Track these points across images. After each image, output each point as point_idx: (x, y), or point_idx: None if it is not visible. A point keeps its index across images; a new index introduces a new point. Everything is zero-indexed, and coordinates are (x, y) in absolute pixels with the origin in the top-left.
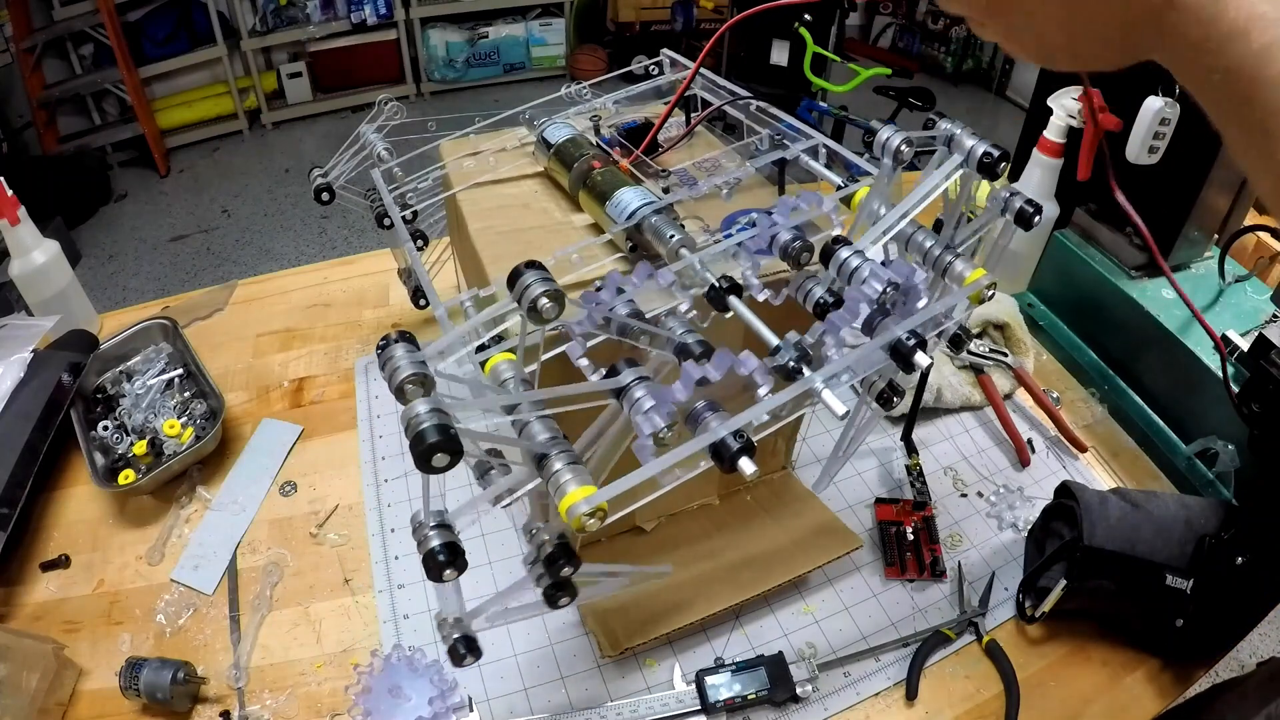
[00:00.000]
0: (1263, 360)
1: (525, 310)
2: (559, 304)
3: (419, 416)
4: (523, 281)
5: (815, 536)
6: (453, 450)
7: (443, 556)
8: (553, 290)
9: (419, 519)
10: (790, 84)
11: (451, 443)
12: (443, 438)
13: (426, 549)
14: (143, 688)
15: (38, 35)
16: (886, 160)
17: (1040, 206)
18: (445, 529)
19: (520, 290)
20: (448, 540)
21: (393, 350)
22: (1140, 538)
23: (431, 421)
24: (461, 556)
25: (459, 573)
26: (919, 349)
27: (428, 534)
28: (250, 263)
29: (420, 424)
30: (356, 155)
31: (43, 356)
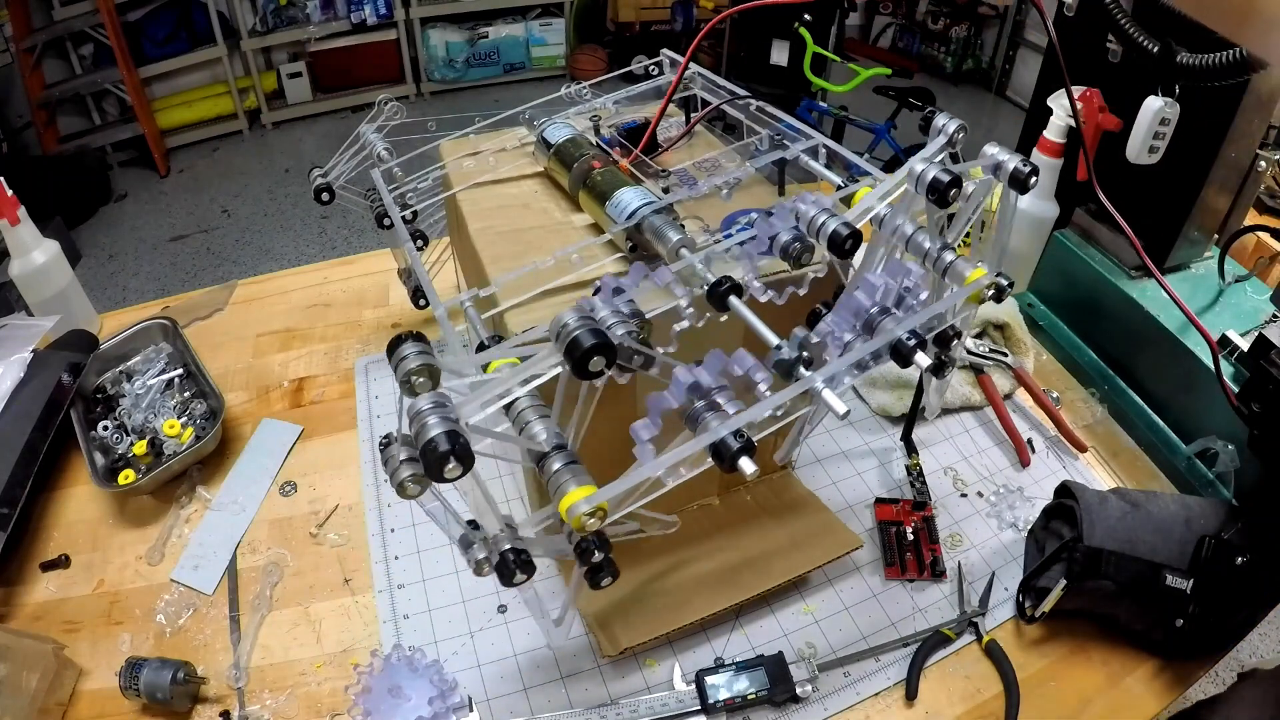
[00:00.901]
0: (1263, 360)
1: (400, 382)
2: (434, 380)
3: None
4: (399, 353)
5: (815, 536)
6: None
7: (445, 446)
8: (429, 365)
9: (418, 407)
10: (790, 84)
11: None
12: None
13: (425, 439)
14: (143, 688)
15: (38, 35)
16: (940, 139)
17: (1036, 167)
18: (448, 419)
19: (397, 360)
20: (451, 429)
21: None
22: (1140, 538)
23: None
24: (469, 452)
25: (465, 469)
26: (919, 349)
27: (428, 421)
28: (250, 263)
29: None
30: (356, 155)
31: (43, 356)
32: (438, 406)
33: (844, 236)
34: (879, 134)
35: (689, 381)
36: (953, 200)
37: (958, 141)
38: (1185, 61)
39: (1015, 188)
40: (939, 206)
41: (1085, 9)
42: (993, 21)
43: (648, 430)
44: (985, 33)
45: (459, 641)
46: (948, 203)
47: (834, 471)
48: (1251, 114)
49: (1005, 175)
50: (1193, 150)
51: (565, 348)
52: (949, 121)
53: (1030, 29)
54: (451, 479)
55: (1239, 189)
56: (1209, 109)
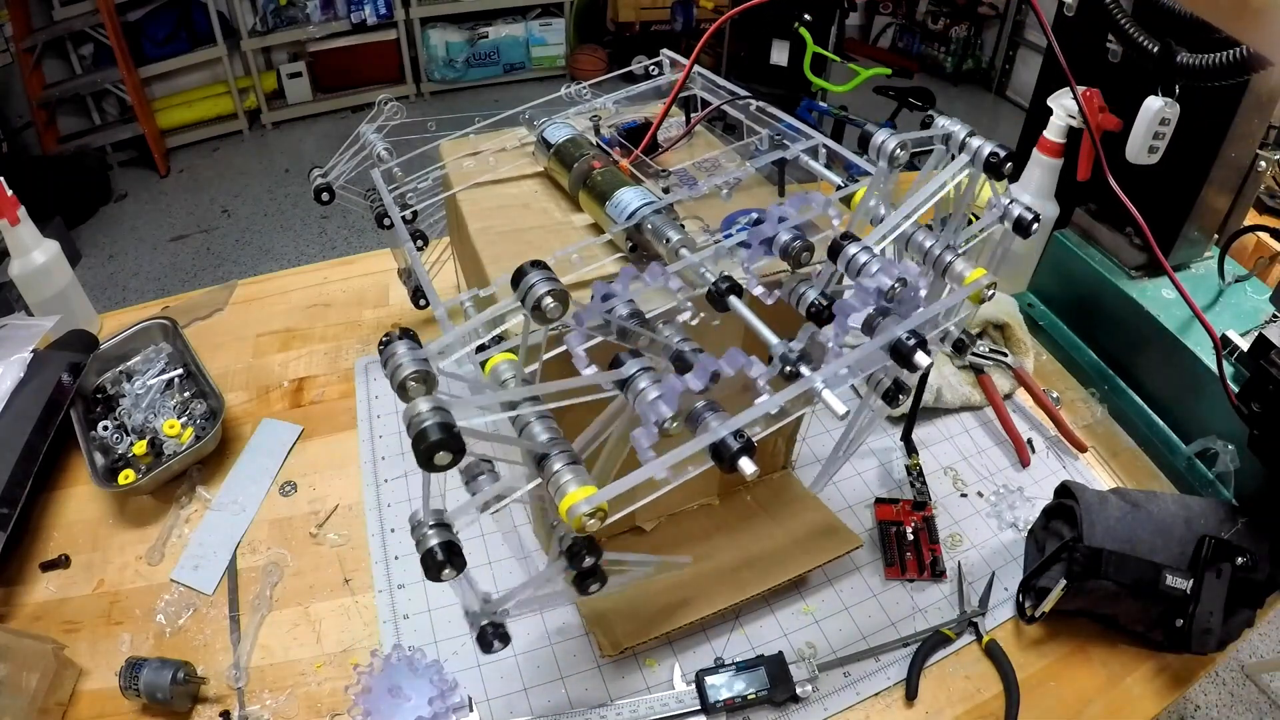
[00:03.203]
0: (1263, 360)
1: (529, 310)
2: (563, 304)
3: (421, 415)
4: (527, 281)
5: (815, 536)
6: (455, 449)
7: (440, 556)
8: (557, 290)
9: (418, 518)
10: (790, 84)
11: (454, 441)
12: (445, 436)
13: (425, 548)
14: (143, 688)
15: (38, 35)
16: (882, 163)
17: (1038, 214)
18: (444, 528)
19: (525, 290)
20: (445, 539)
21: (395, 348)
22: (1140, 538)
23: (434, 420)
24: (459, 555)
25: (457, 572)
26: (919, 349)
27: (426, 533)
28: (250, 263)
29: (423, 422)
30: (356, 155)
31: (43, 356)
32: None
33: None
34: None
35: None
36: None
37: (900, 161)
38: (1185, 61)
39: (990, 174)
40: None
41: (1085, 9)
42: (993, 21)
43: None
44: (985, 33)
45: (459, 641)
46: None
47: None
48: (1251, 114)
49: (980, 162)
50: (1193, 150)
51: (412, 440)
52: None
53: (1030, 29)
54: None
55: (1239, 189)
56: (1209, 109)
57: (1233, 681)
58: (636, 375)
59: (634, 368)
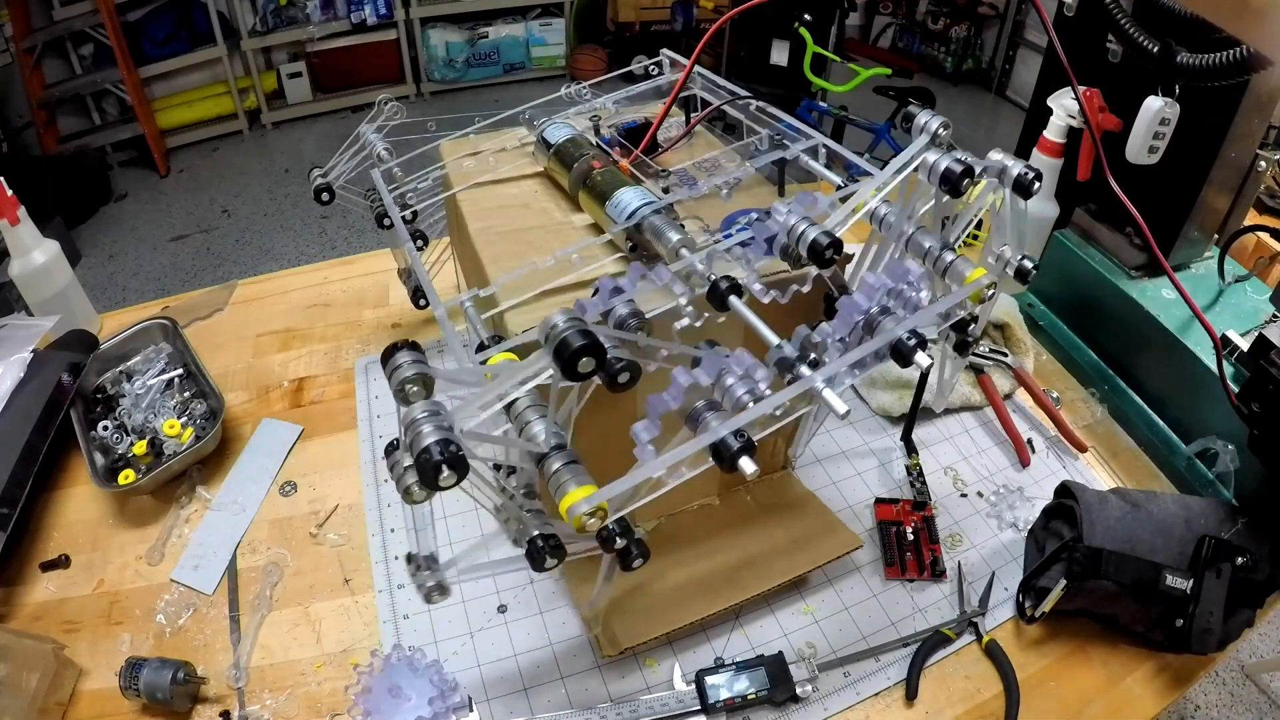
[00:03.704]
0: (1263, 360)
1: (394, 390)
2: (428, 388)
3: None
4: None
5: (815, 536)
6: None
7: (437, 455)
8: (424, 374)
9: (412, 415)
10: (790, 84)
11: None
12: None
13: (419, 448)
14: (143, 688)
15: (38, 35)
16: (923, 137)
17: (1040, 173)
18: (442, 428)
19: (391, 369)
20: (444, 438)
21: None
22: (1140, 538)
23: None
24: (463, 461)
25: (459, 477)
26: (919, 349)
27: (422, 430)
28: (250, 263)
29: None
30: (356, 155)
31: (43, 356)
32: (431, 415)
33: (824, 245)
34: (879, 134)
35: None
36: (964, 191)
37: (942, 140)
38: (1185, 61)
39: (1019, 193)
40: (952, 196)
41: (1085, 9)
42: (993, 21)
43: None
44: (985, 33)
45: (459, 641)
46: (960, 193)
47: (834, 471)
48: (1251, 114)
49: (1009, 181)
50: (1193, 150)
51: (554, 349)
52: (931, 119)
53: (1030, 29)
54: (446, 487)
55: (1239, 189)
56: (1209, 109)
57: (1233, 681)
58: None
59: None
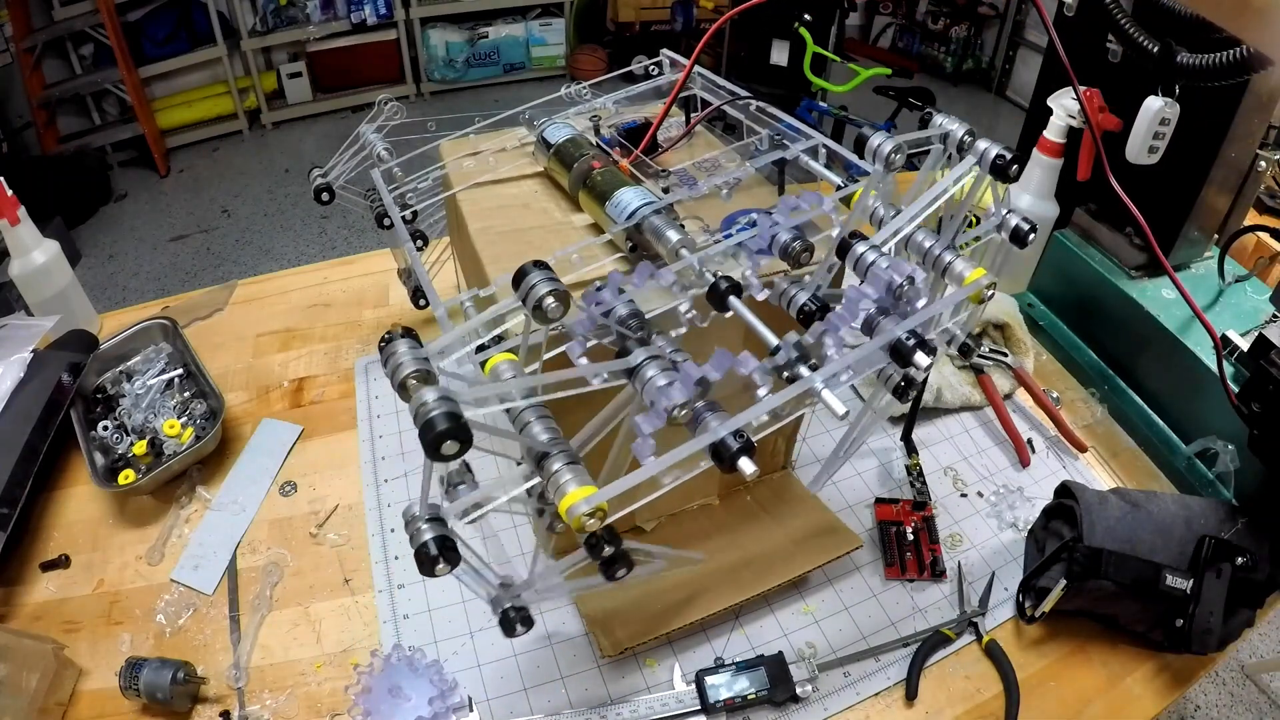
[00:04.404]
0: (1263, 360)
1: (530, 309)
2: (564, 304)
3: (428, 405)
4: (528, 281)
5: (815, 536)
6: (463, 438)
7: (434, 551)
8: (558, 290)
9: (412, 512)
10: (790, 84)
11: (462, 430)
12: (453, 425)
13: (418, 543)
14: (143, 688)
15: (38, 35)
16: (878, 166)
17: (1034, 225)
18: (438, 523)
19: (526, 290)
20: (440, 534)
21: (395, 346)
22: (1140, 538)
23: (441, 409)
24: (454, 551)
25: (451, 567)
26: (919, 349)
27: (420, 528)
28: (250, 263)
29: (430, 412)
30: (356, 155)
31: (43, 356)
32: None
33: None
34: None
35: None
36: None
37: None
38: (1185, 61)
39: (996, 176)
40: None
41: (1085, 9)
42: (993, 21)
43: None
44: (985, 33)
45: (459, 641)
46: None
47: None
48: (1251, 114)
49: (986, 164)
50: (1193, 150)
51: (419, 429)
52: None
53: (1030, 29)
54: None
55: (1239, 189)
56: (1209, 109)
57: (1233, 681)
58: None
59: (641, 356)
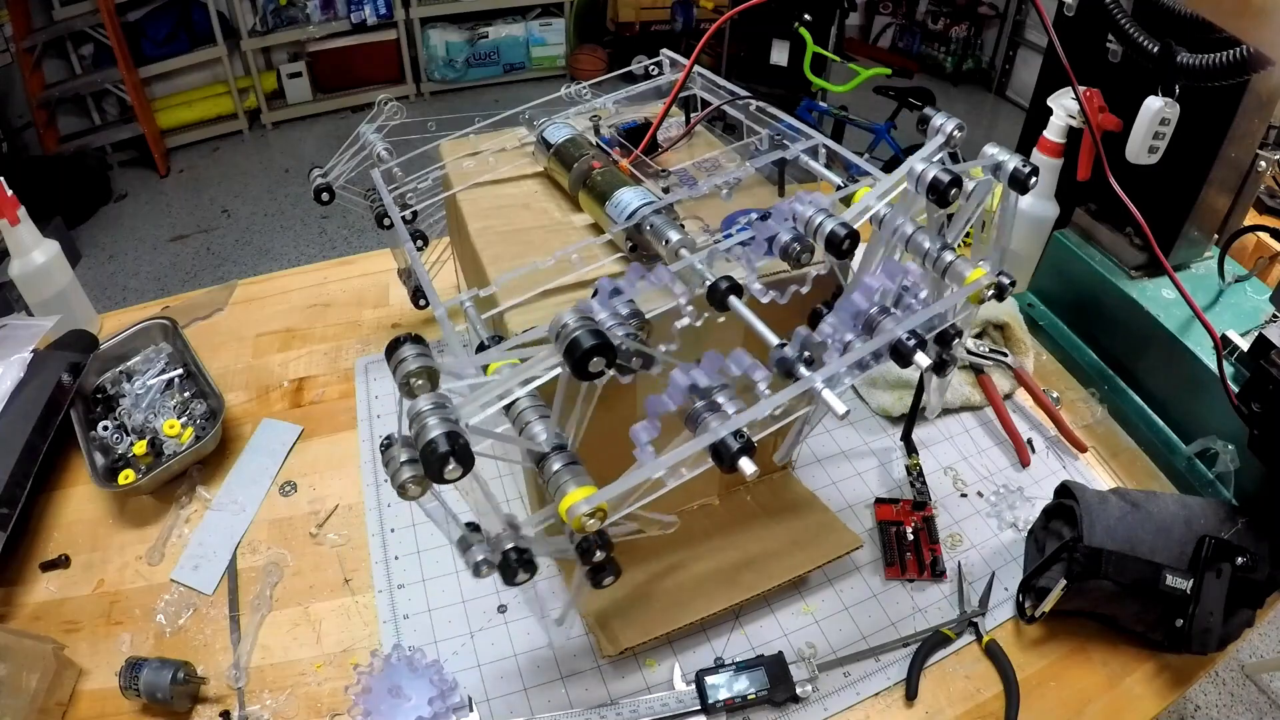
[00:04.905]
0: (1263, 360)
1: (399, 384)
2: (432, 382)
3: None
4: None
5: (815, 536)
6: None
7: (443, 447)
8: (428, 367)
9: (418, 408)
10: (790, 84)
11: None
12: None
13: (424, 440)
14: (143, 688)
15: (38, 35)
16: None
17: (1036, 168)
18: (448, 420)
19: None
20: (449, 430)
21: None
22: (1140, 538)
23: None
24: (468, 453)
25: (464, 470)
26: (919, 349)
27: (427, 422)
28: (250, 263)
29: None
30: (356, 155)
31: (43, 356)
32: (438, 407)
33: (842, 236)
34: (879, 134)
35: (688, 382)
36: (953, 200)
37: (956, 141)
38: (1185, 61)
39: (1015, 188)
40: (939, 206)
41: (1085, 9)
42: (993, 21)
43: (648, 431)
44: (985, 33)
45: (459, 641)
46: (948, 202)
47: (834, 471)
48: (1251, 114)
49: (1005, 175)
50: (1193, 150)
51: (565, 348)
52: (947, 121)
53: (1030, 29)
54: (452, 479)
55: (1239, 189)
56: (1209, 109)
57: (1233, 681)
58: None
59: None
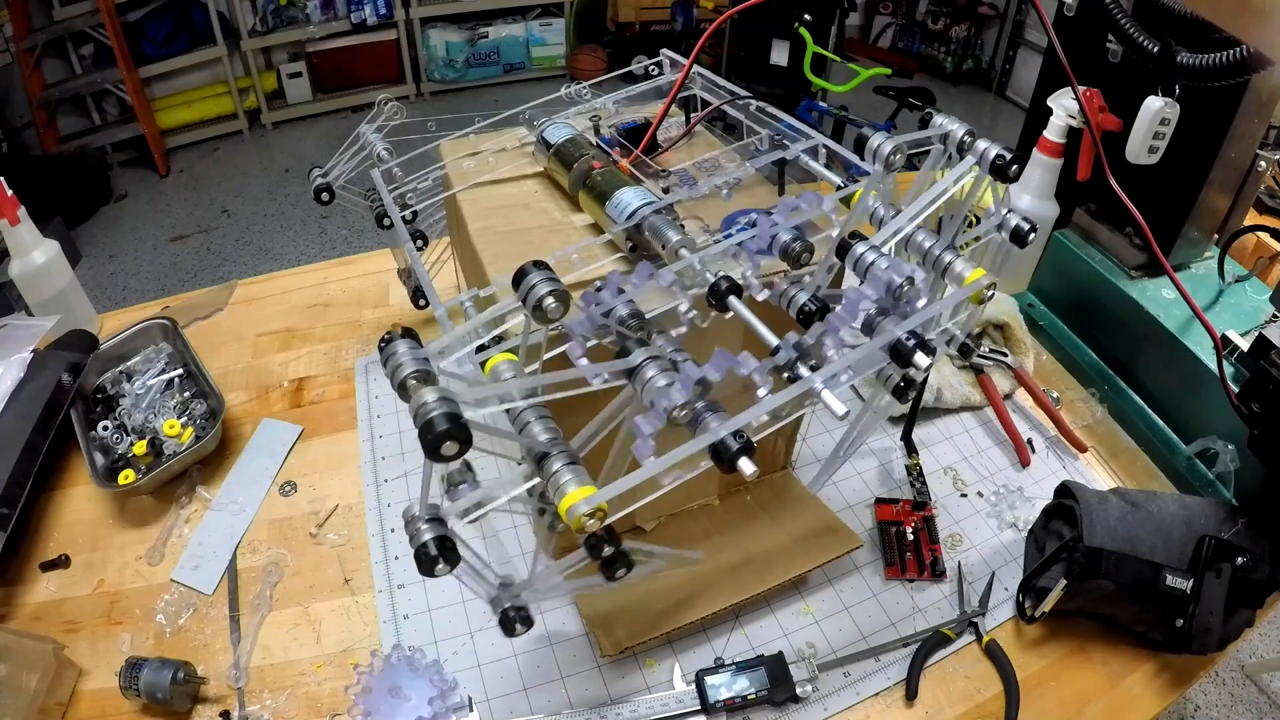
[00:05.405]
0: (1263, 360)
1: (530, 309)
2: (564, 303)
3: (428, 405)
4: (528, 281)
5: (815, 536)
6: (462, 439)
7: (434, 551)
8: (558, 290)
9: (412, 512)
10: (790, 84)
11: (461, 431)
12: (452, 426)
13: (418, 544)
14: (143, 688)
15: (38, 35)
16: (877, 166)
17: (1034, 225)
18: (438, 523)
19: (526, 289)
20: (439, 534)
21: (395, 347)
22: (1140, 538)
23: (441, 410)
24: (453, 551)
25: (451, 567)
26: (919, 349)
27: (420, 528)
28: (250, 263)
29: (429, 412)
30: (356, 155)
31: (43, 356)
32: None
33: (811, 313)
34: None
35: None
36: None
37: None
38: (1185, 61)
39: (997, 176)
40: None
41: (1085, 9)
42: (993, 21)
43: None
44: (985, 33)
45: (459, 641)
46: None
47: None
48: (1251, 114)
49: (986, 164)
50: (1193, 150)
51: (419, 430)
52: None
53: (1030, 29)
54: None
55: (1239, 189)
56: (1209, 109)
57: (1233, 681)
58: (645, 364)
59: (641, 356)
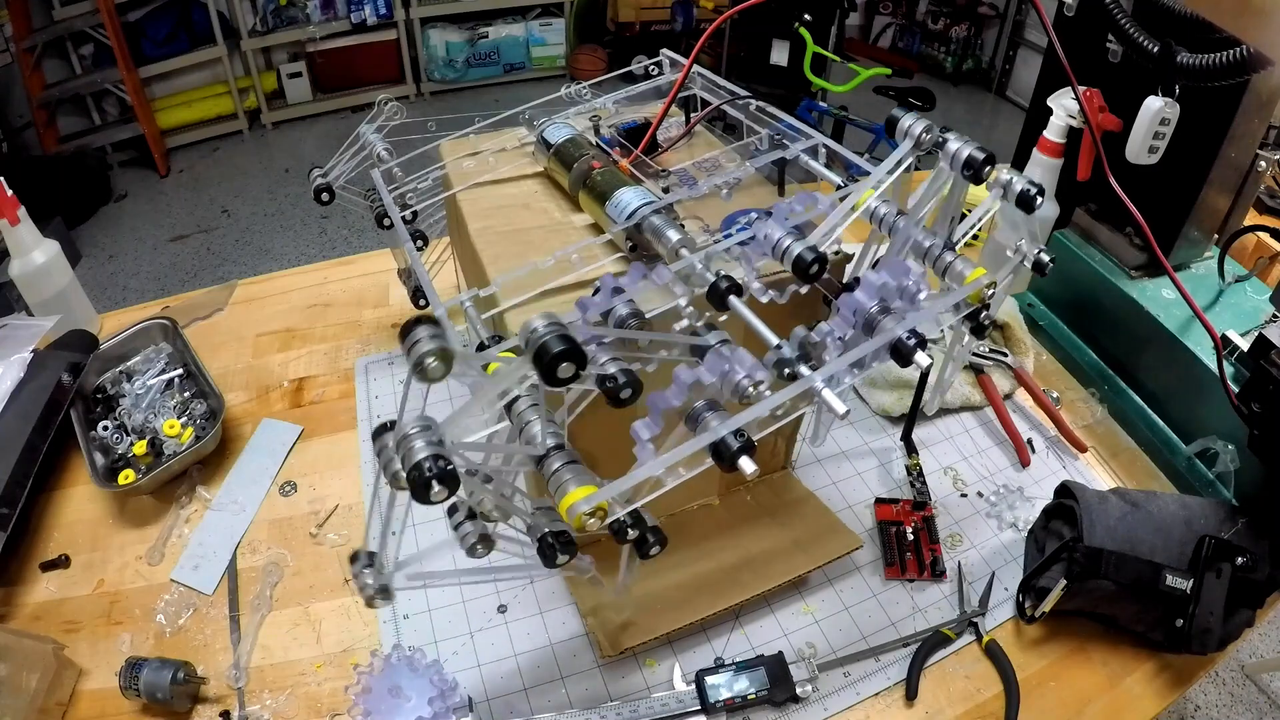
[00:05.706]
0: (1263, 360)
1: (412, 368)
2: (446, 364)
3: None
4: (412, 337)
5: (815, 536)
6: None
7: (429, 470)
8: (444, 349)
9: (403, 431)
10: (790, 84)
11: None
12: (568, 346)
13: (410, 462)
14: (143, 688)
15: (38, 35)
16: (908, 142)
17: (1042, 188)
18: (433, 440)
19: (409, 345)
20: (435, 453)
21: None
22: (1140, 538)
23: (553, 333)
24: (453, 474)
25: (450, 492)
26: (919, 349)
27: (413, 445)
28: (250, 263)
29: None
30: (356, 155)
31: (43, 356)
32: (422, 430)
33: (809, 261)
34: (879, 134)
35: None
36: (987, 178)
37: (925, 143)
38: (1185, 61)
39: (1021, 207)
40: (974, 183)
41: (1085, 9)
42: (993, 21)
43: (648, 430)
44: (985, 33)
45: (459, 641)
46: (982, 180)
47: (834, 471)
48: (1251, 114)
49: (1012, 196)
50: (1193, 150)
51: (534, 354)
52: (915, 122)
53: (1030, 29)
54: (438, 501)
55: (1239, 189)
56: (1209, 109)
57: (1233, 681)
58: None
59: (714, 339)
